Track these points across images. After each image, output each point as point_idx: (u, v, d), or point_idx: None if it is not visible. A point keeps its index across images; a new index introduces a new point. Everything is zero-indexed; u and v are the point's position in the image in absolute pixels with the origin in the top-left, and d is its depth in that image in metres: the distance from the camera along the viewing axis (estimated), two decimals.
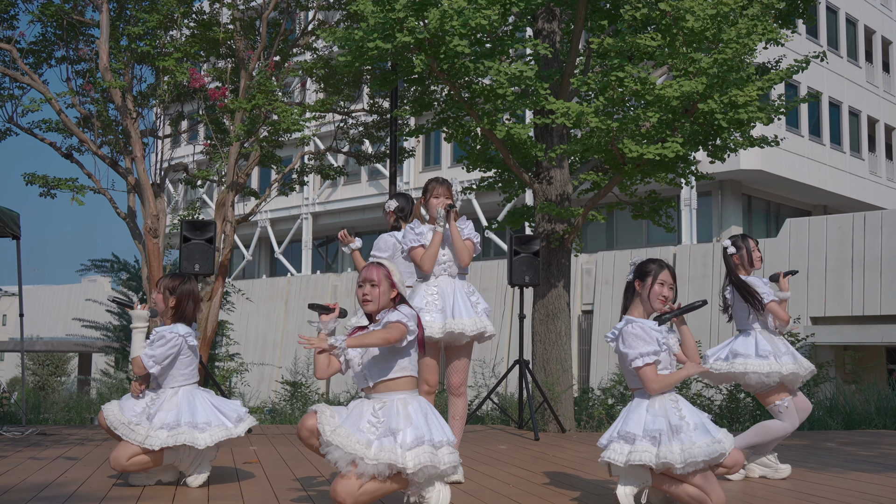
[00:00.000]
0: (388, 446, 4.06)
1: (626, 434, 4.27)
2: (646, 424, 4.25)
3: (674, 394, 4.39)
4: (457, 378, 5.45)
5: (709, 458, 4.17)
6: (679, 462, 4.13)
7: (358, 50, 8.79)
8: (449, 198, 5.49)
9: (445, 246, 5.46)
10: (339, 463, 4.07)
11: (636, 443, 4.23)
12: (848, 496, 5.06)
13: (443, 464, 4.13)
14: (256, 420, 5.01)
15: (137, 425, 5.03)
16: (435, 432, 4.17)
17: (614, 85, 8.52)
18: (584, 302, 25.25)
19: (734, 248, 5.87)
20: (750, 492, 5.17)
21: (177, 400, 5.06)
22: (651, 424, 4.24)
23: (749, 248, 5.87)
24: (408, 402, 4.23)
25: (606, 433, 4.47)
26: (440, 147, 33.00)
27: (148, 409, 5.10)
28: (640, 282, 4.49)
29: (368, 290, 4.28)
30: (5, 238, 9.95)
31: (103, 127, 10.96)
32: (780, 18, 10.36)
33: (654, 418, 4.24)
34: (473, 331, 5.29)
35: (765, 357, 5.60)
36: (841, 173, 30.48)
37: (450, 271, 5.44)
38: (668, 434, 4.20)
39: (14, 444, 7.36)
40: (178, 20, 10.73)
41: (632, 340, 4.36)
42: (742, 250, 5.86)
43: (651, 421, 4.24)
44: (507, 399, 10.93)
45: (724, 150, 9.34)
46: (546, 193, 9.89)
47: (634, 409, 4.37)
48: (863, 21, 32.39)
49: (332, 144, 13.48)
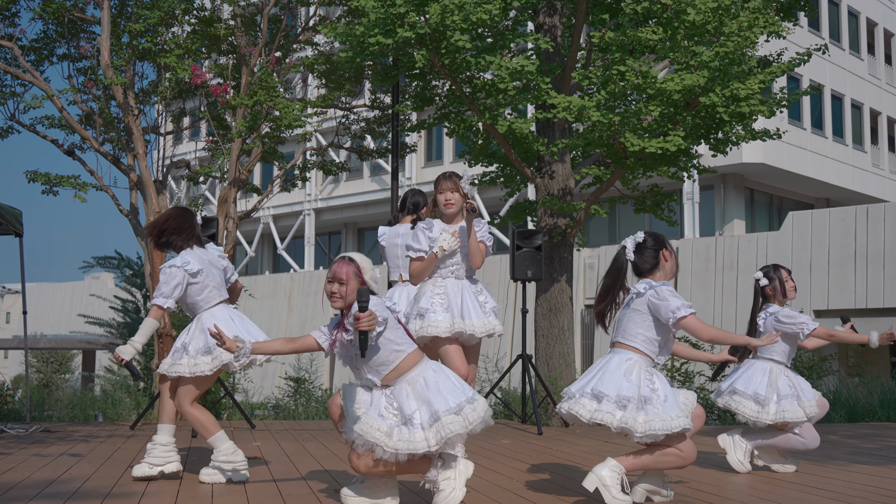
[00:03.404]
0: (405, 435, 4.11)
1: (597, 393, 4.34)
2: (619, 389, 4.31)
3: (652, 367, 4.44)
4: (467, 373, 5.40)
5: (670, 432, 4.26)
6: (639, 432, 4.25)
7: (359, 45, 8.79)
8: (454, 191, 5.31)
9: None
10: (357, 445, 4.15)
11: (603, 402, 4.31)
12: (851, 489, 5.06)
13: (468, 424, 4.15)
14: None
15: (179, 361, 5.15)
16: (450, 398, 4.16)
17: (616, 79, 8.51)
18: (587, 296, 25.23)
19: (766, 279, 5.84)
20: (754, 485, 5.17)
21: (201, 325, 5.18)
22: (624, 391, 4.31)
23: (781, 278, 5.82)
24: (415, 382, 4.23)
25: (578, 384, 4.46)
26: (442, 142, 32.97)
27: (183, 341, 5.20)
28: (667, 251, 4.60)
29: (336, 289, 4.26)
30: (8, 235, 9.96)
31: (105, 124, 10.97)
32: (781, 11, 10.34)
33: (629, 385, 4.32)
34: (483, 332, 5.26)
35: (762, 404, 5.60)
36: (843, 166, 30.43)
37: (457, 273, 5.35)
38: (636, 404, 4.28)
39: (18, 440, 7.38)
40: (179, 17, 10.72)
41: (668, 295, 4.43)
42: (774, 281, 5.82)
43: (626, 387, 4.31)
44: (510, 394, 10.94)
45: (726, 143, 9.33)
46: (548, 188, 9.89)
47: (613, 369, 4.39)
48: (865, 13, 32.31)
49: (333, 140, 13.48)
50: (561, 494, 4.75)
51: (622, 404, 4.29)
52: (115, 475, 5.38)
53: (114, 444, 7.15)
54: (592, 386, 4.38)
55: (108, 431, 8.33)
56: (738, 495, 4.75)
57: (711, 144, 9.31)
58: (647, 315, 4.46)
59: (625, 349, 4.48)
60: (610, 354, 4.52)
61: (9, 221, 9.48)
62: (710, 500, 4.58)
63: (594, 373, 4.46)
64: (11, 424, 8.67)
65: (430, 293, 5.28)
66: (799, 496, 4.78)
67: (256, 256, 39.72)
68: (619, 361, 4.43)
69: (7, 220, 9.44)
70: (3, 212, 9.37)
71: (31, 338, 33.55)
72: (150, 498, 4.61)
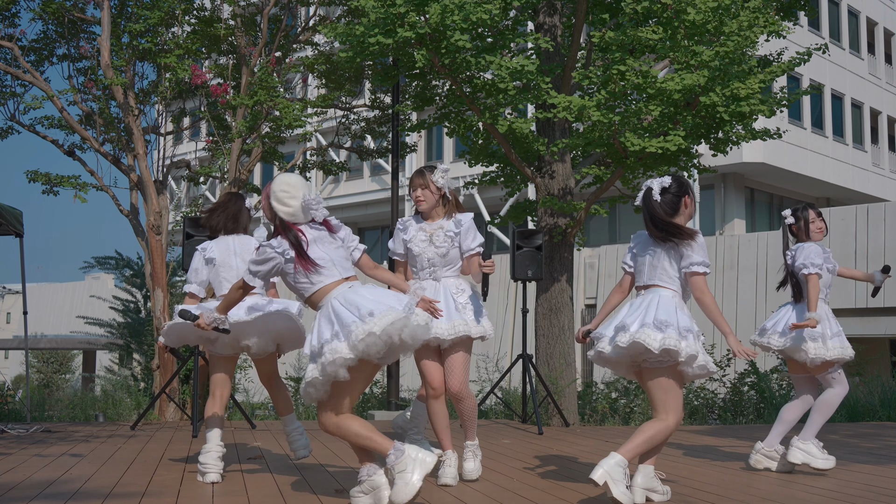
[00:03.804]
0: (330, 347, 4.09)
1: (660, 323, 4.47)
2: (679, 320, 4.50)
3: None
4: (451, 381, 5.06)
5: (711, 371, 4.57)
6: (699, 363, 4.50)
7: (359, 45, 8.79)
8: (424, 187, 5.06)
9: (433, 244, 5.06)
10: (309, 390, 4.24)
11: (668, 331, 4.45)
12: (852, 488, 5.06)
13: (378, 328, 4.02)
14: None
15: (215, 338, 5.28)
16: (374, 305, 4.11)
17: (616, 78, 8.51)
18: (587, 296, 25.23)
19: (793, 217, 5.85)
20: (754, 484, 5.17)
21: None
22: (683, 322, 4.51)
23: (807, 217, 5.80)
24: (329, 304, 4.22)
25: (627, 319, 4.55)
26: (442, 142, 32.97)
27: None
28: (689, 197, 4.73)
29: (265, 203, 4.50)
30: (8, 236, 9.96)
31: (105, 124, 10.97)
32: (781, 10, 10.34)
33: (685, 317, 4.54)
34: (451, 334, 4.94)
35: (814, 339, 5.60)
36: (844, 165, 30.43)
37: (435, 275, 5.07)
38: (694, 335, 4.50)
39: (19, 441, 7.38)
40: (179, 17, 10.73)
41: (696, 248, 4.59)
42: (800, 220, 5.82)
43: (684, 318, 4.52)
44: (510, 393, 10.94)
45: (727, 142, 9.33)
46: (548, 188, 9.89)
47: (665, 304, 4.54)
48: (865, 13, 32.31)
49: (333, 140, 13.48)
50: (561, 494, 4.75)
51: (684, 335, 4.47)
52: (116, 475, 5.38)
53: (114, 444, 7.15)
54: (653, 317, 4.49)
55: (108, 431, 8.33)
56: (739, 495, 4.75)
57: (712, 144, 9.31)
58: (678, 259, 4.65)
59: (663, 289, 4.64)
60: (650, 294, 4.64)
61: (9, 222, 9.48)
62: (711, 500, 4.58)
63: (641, 309, 4.57)
64: (12, 425, 8.67)
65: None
66: (800, 495, 4.78)
67: None
68: (668, 297, 4.60)
69: (7, 221, 9.45)
70: (3, 212, 9.37)
71: (31, 338, 33.56)
72: (151, 498, 4.61)
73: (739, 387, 10.96)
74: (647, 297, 4.64)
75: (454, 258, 5.09)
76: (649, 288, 4.68)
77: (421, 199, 5.08)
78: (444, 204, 5.14)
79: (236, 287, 4.44)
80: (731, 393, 10.95)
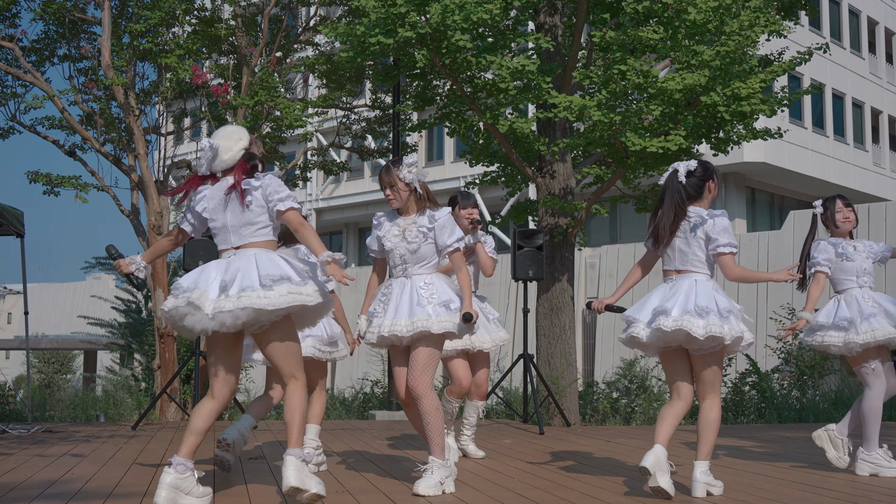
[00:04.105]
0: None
1: (701, 309, 4.58)
2: (718, 303, 4.62)
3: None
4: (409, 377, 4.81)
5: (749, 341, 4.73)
6: (745, 342, 4.68)
7: (360, 45, 8.79)
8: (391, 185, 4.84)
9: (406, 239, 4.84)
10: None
11: (710, 316, 4.57)
12: (854, 488, 5.06)
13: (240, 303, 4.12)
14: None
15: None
16: (197, 281, 4.25)
17: (617, 78, 8.51)
18: (588, 296, 25.20)
19: (822, 208, 5.85)
20: (756, 484, 5.17)
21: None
22: (723, 304, 4.64)
23: (834, 208, 5.78)
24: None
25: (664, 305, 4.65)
26: (443, 142, 32.98)
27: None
28: (712, 181, 4.86)
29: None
30: (9, 236, 9.97)
31: (106, 124, 10.97)
32: (782, 10, 10.33)
33: (724, 298, 4.67)
34: (408, 331, 4.71)
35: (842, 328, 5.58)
36: (845, 165, 30.42)
37: (406, 272, 4.86)
38: (735, 315, 4.67)
39: (20, 441, 7.38)
40: (179, 17, 10.73)
41: (721, 229, 4.72)
42: (827, 210, 5.81)
43: (722, 300, 4.65)
44: (511, 393, 10.94)
45: (727, 142, 9.32)
46: (549, 187, 9.88)
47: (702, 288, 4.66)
48: (866, 12, 32.30)
49: (334, 140, 13.48)
50: (563, 494, 4.75)
51: (725, 316, 4.59)
52: (117, 475, 5.38)
53: (115, 444, 7.15)
54: (694, 304, 4.59)
55: (109, 432, 8.33)
56: (741, 494, 4.75)
57: (712, 144, 9.31)
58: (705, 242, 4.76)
59: (696, 273, 4.76)
60: (683, 280, 4.75)
61: (10, 222, 9.48)
62: (714, 500, 4.58)
63: (679, 294, 4.67)
64: (13, 425, 8.67)
65: (378, 296, 4.96)
66: (801, 495, 4.78)
67: None
68: (703, 282, 4.72)
69: (8, 221, 9.45)
70: (4, 212, 9.37)
71: (32, 338, 33.57)
72: (152, 498, 4.60)
73: (741, 386, 10.95)
74: (681, 282, 4.75)
75: (426, 255, 4.84)
76: (682, 273, 4.80)
77: (391, 198, 4.86)
78: (418, 198, 4.88)
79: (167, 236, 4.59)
80: (733, 393, 10.95)
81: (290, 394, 4.31)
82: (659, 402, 10.80)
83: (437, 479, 4.67)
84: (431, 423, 4.72)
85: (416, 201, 4.88)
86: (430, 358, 4.77)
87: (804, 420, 10.31)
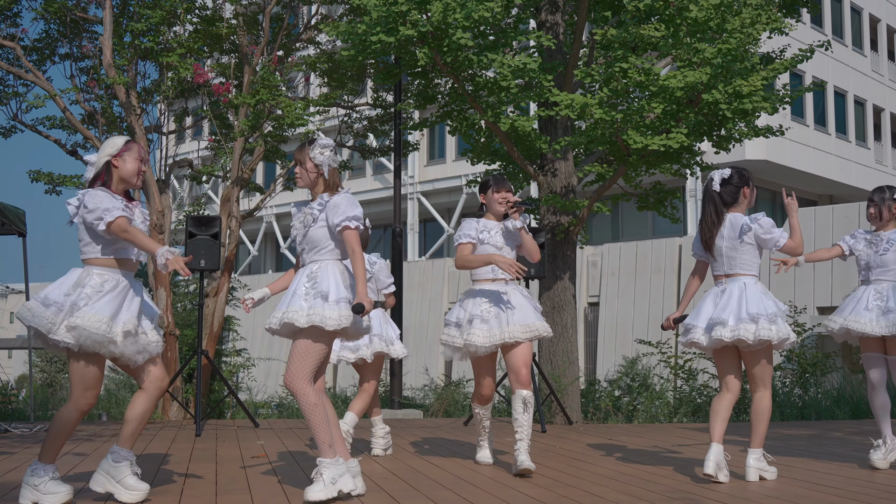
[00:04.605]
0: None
1: (753, 315, 4.99)
2: (766, 307, 5.02)
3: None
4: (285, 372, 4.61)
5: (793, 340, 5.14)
6: (790, 341, 5.08)
7: (361, 44, 8.79)
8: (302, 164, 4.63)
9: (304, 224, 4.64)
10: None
11: (760, 321, 4.98)
12: (855, 485, 5.05)
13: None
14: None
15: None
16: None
17: (618, 76, 8.50)
18: (590, 294, 25.23)
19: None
20: (759, 482, 5.16)
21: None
22: (770, 308, 5.03)
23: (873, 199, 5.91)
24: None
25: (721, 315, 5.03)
26: (444, 140, 32.97)
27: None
28: (747, 188, 5.22)
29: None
30: (11, 235, 9.97)
31: (108, 123, 10.97)
32: (784, 7, 10.32)
33: (771, 302, 5.06)
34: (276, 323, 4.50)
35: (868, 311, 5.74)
36: (847, 162, 30.39)
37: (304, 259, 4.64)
38: (782, 316, 5.07)
39: (23, 440, 7.39)
40: (181, 16, 10.73)
41: (770, 227, 5.10)
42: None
43: (770, 305, 5.04)
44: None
45: (729, 140, 9.32)
46: (551, 185, 9.88)
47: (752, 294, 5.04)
48: (868, 9, 32.26)
49: (336, 139, 13.48)
50: (565, 492, 4.75)
51: (773, 320, 4.99)
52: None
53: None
54: (745, 311, 4.99)
55: (111, 430, 8.34)
56: (743, 492, 4.75)
57: (714, 141, 9.30)
58: (755, 245, 5.13)
59: (744, 276, 5.14)
60: (732, 284, 5.12)
61: (12, 221, 9.49)
62: (718, 498, 4.58)
63: (732, 302, 5.04)
64: (16, 424, 8.69)
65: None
66: (804, 493, 4.78)
67: (259, 255, 39.74)
68: (752, 285, 5.10)
69: (10, 220, 9.45)
70: (6, 211, 9.38)
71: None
72: (154, 496, 4.61)
73: (742, 385, 10.94)
74: (731, 286, 5.12)
75: (318, 240, 4.54)
76: (730, 277, 5.16)
77: (298, 177, 4.63)
78: (325, 183, 4.60)
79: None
80: None
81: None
82: (661, 400, 10.80)
83: (327, 479, 4.37)
84: (311, 420, 4.43)
85: (324, 185, 4.61)
86: (305, 352, 4.46)
87: (806, 418, 10.30)
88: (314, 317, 4.40)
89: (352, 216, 4.49)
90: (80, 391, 4.43)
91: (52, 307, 4.35)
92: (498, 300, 5.45)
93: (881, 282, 5.80)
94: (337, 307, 4.41)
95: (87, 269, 4.46)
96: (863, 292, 5.84)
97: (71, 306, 4.33)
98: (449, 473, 5.43)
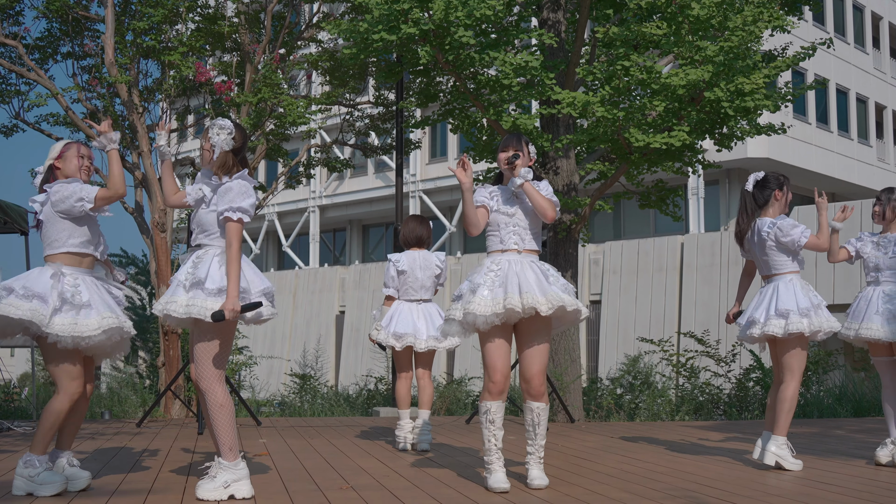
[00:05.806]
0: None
1: (782, 311, 5.32)
2: (798, 302, 5.32)
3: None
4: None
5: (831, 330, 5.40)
6: (823, 332, 5.35)
7: (363, 42, 8.79)
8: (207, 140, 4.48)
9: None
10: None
11: (790, 316, 5.30)
12: (857, 483, 5.05)
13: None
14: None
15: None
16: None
17: (620, 74, 8.50)
18: (592, 292, 25.22)
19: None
20: (760, 479, 5.17)
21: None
22: (802, 302, 5.32)
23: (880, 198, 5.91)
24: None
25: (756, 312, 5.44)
26: (446, 138, 32.97)
27: None
28: (780, 191, 5.50)
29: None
30: (14, 234, 9.98)
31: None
32: (786, 5, 10.31)
33: (804, 297, 5.33)
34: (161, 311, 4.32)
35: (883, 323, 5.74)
36: (849, 160, 30.37)
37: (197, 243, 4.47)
38: (814, 309, 5.32)
39: (25, 439, 7.40)
40: (183, 14, 10.73)
41: (789, 229, 5.36)
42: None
43: (802, 299, 5.33)
44: (515, 390, 10.94)
45: (731, 138, 9.31)
46: (553, 183, 9.88)
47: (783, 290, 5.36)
48: (870, 7, 32.23)
49: (338, 137, 13.48)
50: (567, 490, 4.75)
51: (805, 314, 5.28)
52: (122, 473, 5.39)
53: (120, 441, 7.17)
54: (775, 308, 5.33)
55: (114, 429, 8.35)
56: (745, 490, 4.75)
57: (716, 139, 9.30)
58: (780, 246, 5.41)
59: (781, 275, 5.45)
60: (770, 285, 5.47)
61: (14, 220, 9.50)
62: (718, 496, 4.58)
63: (766, 300, 5.41)
64: (18, 422, 8.69)
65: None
66: (805, 490, 4.78)
67: (261, 253, 39.77)
68: (785, 283, 5.42)
69: (13, 219, 9.46)
70: (8, 210, 9.39)
71: None
72: (156, 495, 4.62)
73: (744, 382, 10.94)
74: (768, 287, 5.47)
75: (206, 223, 4.36)
76: (769, 278, 5.52)
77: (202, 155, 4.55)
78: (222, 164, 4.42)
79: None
80: (737, 388, 10.94)
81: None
82: (663, 398, 10.80)
83: (219, 482, 4.28)
84: (214, 419, 4.29)
85: (215, 167, 4.43)
86: (204, 349, 4.26)
87: (808, 416, 10.31)
88: (193, 308, 4.19)
89: (237, 207, 4.25)
90: (67, 381, 4.46)
91: (36, 300, 4.39)
92: (508, 268, 4.66)
93: (889, 283, 5.80)
94: (219, 298, 4.18)
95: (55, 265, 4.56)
96: (872, 293, 5.83)
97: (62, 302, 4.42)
98: (451, 471, 5.43)
